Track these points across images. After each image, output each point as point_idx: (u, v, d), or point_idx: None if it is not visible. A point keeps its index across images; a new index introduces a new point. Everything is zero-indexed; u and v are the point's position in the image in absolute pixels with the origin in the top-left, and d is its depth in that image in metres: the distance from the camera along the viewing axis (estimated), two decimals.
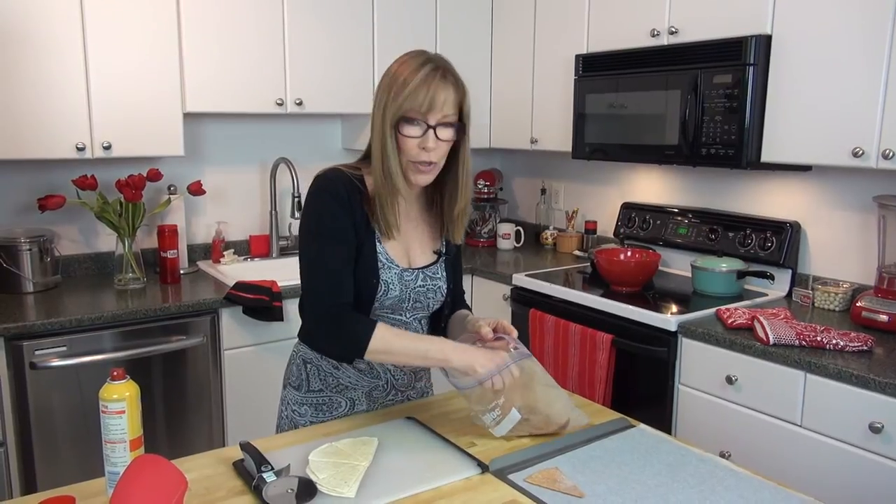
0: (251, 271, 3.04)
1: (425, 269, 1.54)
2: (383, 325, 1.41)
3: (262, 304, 2.53)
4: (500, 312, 2.92)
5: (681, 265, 2.89)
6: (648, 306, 2.38)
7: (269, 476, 1.20)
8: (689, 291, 2.59)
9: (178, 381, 2.49)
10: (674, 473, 1.30)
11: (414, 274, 1.51)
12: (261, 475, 1.20)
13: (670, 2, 2.53)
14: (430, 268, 1.55)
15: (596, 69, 2.77)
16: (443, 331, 1.62)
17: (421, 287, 1.52)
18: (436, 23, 3.23)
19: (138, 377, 1.57)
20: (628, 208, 3.10)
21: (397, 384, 1.61)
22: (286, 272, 2.83)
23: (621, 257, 2.73)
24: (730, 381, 2.09)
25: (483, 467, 1.30)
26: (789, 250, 2.51)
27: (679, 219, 2.89)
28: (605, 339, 2.37)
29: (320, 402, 1.57)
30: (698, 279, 2.56)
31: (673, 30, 2.52)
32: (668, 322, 2.25)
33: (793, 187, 2.58)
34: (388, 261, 1.48)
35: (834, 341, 1.95)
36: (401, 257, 1.51)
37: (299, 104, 2.92)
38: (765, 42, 2.25)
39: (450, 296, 1.60)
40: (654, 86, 2.54)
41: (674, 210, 2.93)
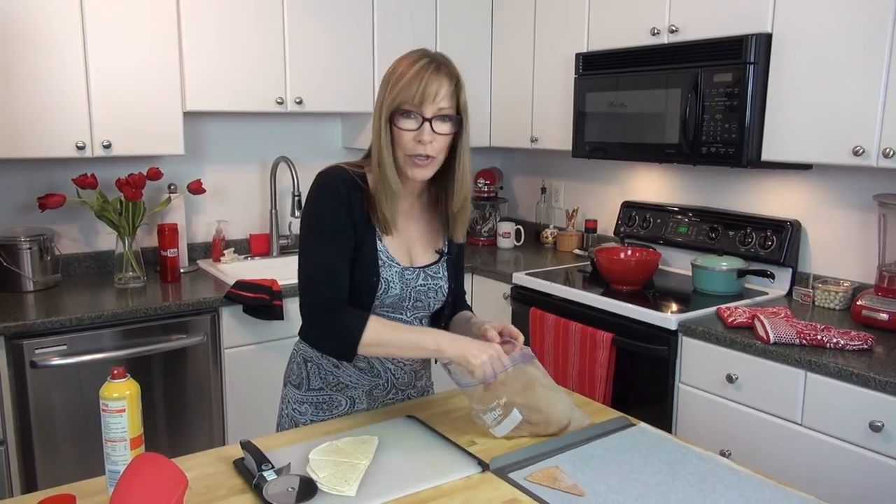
0: (251, 270, 3.04)
1: (426, 268, 1.53)
2: (376, 317, 1.41)
3: (263, 302, 2.53)
4: (501, 311, 2.92)
5: (681, 264, 2.89)
6: (649, 305, 2.38)
7: (270, 474, 1.20)
8: (689, 290, 2.59)
9: (178, 379, 2.49)
10: (674, 472, 1.30)
11: (415, 273, 1.51)
12: (261, 474, 1.20)
13: (670, 0, 2.53)
14: (432, 267, 1.54)
15: (596, 68, 2.77)
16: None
17: (422, 286, 1.52)
18: (436, 21, 3.22)
19: (139, 376, 1.57)
20: (628, 207, 3.10)
21: (398, 383, 1.61)
22: (286, 271, 2.82)
23: (621, 256, 2.73)
24: (730, 379, 2.09)
25: (483, 466, 1.30)
26: (790, 249, 2.51)
27: (679, 217, 2.89)
28: (606, 337, 2.37)
29: (321, 400, 1.57)
30: (699, 278, 2.56)
31: (673, 28, 2.52)
32: (669, 321, 2.25)
33: (793, 186, 2.57)
34: (388, 259, 1.48)
35: (834, 340, 1.95)
36: (402, 256, 1.51)
37: (299, 103, 2.92)
38: (765, 41, 2.25)
39: (451, 296, 1.60)
40: (655, 84, 2.53)
41: (674, 209, 2.93)
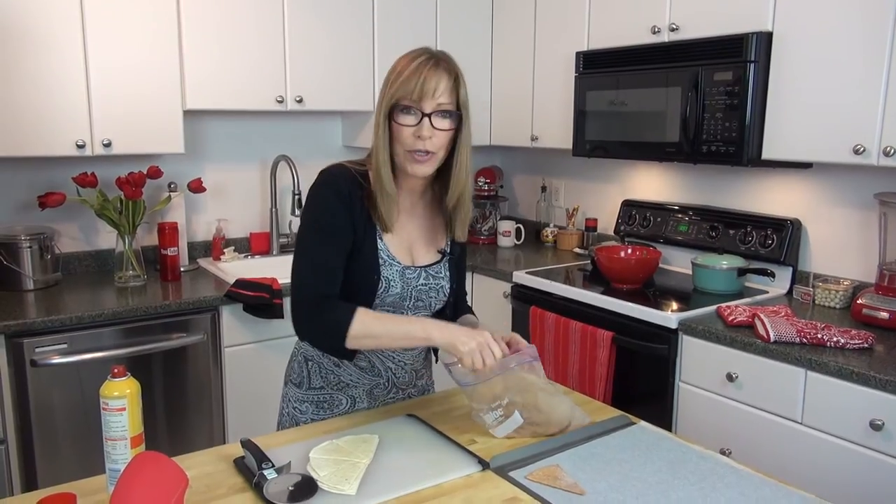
0: (251, 269, 3.04)
1: (428, 268, 1.53)
2: (364, 309, 1.40)
3: (263, 301, 2.53)
4: (501, 310, 2.92)
5: (681, 262, 2.89)
6: (649, 304, 2.38)
7: (270, 473, 1.20)
8: (689, 289, 2.59)
9: (178, 378, 2.49)
10: (674, 471, 1.30)
11: (416, 272, 1.51)
12: (262, 472, 1.20)
13: None
14: (433, 266, 1.54)
15: (596, 66, 2.76)
16: None
17: (423, 286, 1.51)
18: (436, 20, 3.22)
19: (139, 374, 1.57)
20: (629, 206, 3.10)
21: (398, 382, 1.60)
22: (286, 270, 2.77)
23: (622, 255, 2.72)
24: (730, 378, 2.09)
25: (484, 464, 1.30)
26: (790, 248, 2.51)
27: (680, 216, 2.89)
28: (606, 336, 2.37)
29: (321, 399, 1.57)
30: (699, 276, 2.56)
31: (674, 27, 2.51)
32: (669, 319, 2.24)
33: (794, 184, 2.57)
34: (389, 257, 1.48)
35: (834, 339, 1.95)
36: (403, 255, 1.50)
37: (300, 101, 2.92)
38: (766, 39, 2.24)
39: (452, 296, 1.59)
40: (655, 83, 2.53)
41: (674, 207, 2.92)
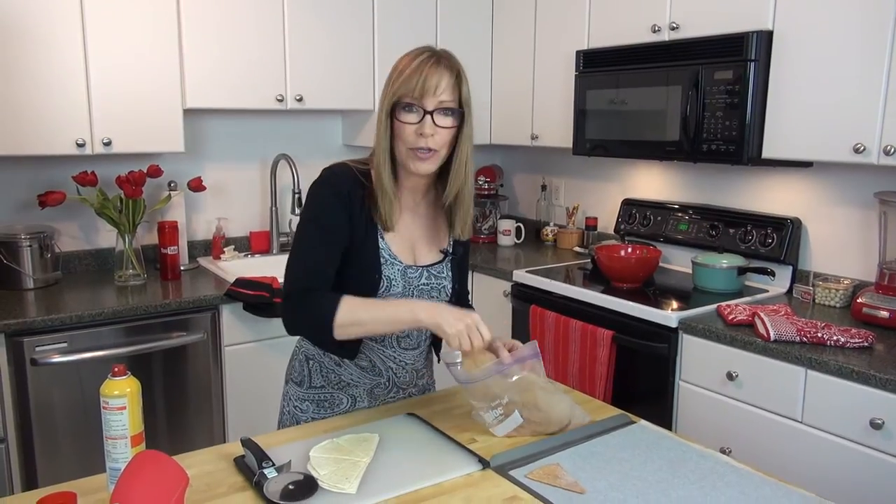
0: (251, 268, 3.04)
1: (430, 268, 1.53)
2: (349, 297, 1.39)
3: (263, 300, 2.53)
4: (501, 309, 2.92)
5: (681, 261, 2.89)
6: (649, 303, 2.38)
7: (271, 472, 1.20)
8: (689, 288, 2.59)
9: (178, 377, 2.49)
10: (675, 469, 1.30)
11: (418, 272, 1.51)
12: (262, 471, 1.20)
13: None
14: (435, 266, 1.54)
15: (596, 65, 2.76)
16: None
17: (425, 285, 1.51)
18: (436, 18, 3.22)
19: (139, 373, 1.57)
20: (629, 205, 3.10)
21: (399, 382, 1.60)
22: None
23: (622, 254, 2.72)
24: (730, 377, 2.09)
25: (484, 463, 1.30)
26: (790, 246, 2.51)
27: (680, 215, 2.89)
28: (606, 335, 2.37)
29: (322, 398, 1.57)
30: (699, 275, 2.56)
31: (674, 25, 2.51)
32: (669, 318, 2.24)
33: (794, 183, 2.57)
34: (390, 257, 1.47)
35: (835, 338, 1.95)
36: (405, 254, 1.50)
37: (300, 100, 2.92)
38: (766, 38, 2.24)
39: (454, 296, 1.59)
40: (655, 82, 2.53)
41: (674, 206, 2.92)
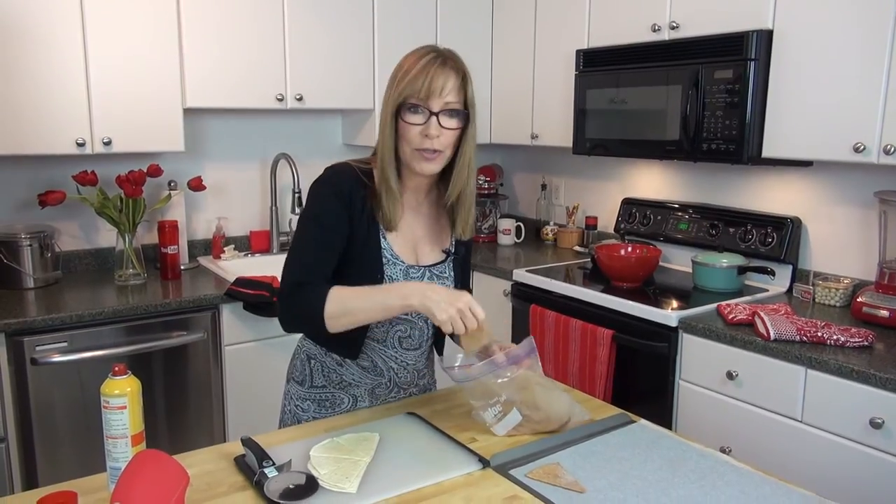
0: (252, 267, 3.04)
1: (432, 268, 1.53)
2: (338, 287, 1.38)
3: (263, 299, 2.53)
4: (501, 308, 2.92)
5: (681, 261, 2.89)
6: (649, 302, 2.38)
7: (271, 471, 1.20)
8: (689, 287, 2.59)
9: (178, 376, 2.49)
10: (675, 469, 1.30)
11: (420, 272, 1.51)
12: (262, 470, 1.20)
13: None
14: (438, 266, 1.54)
15: (596, 64, 2.76)
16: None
17: None
18: (436, 17, 3.22)
19: (139, 373, 1.57)
20: (629, 204, 3.10)
21: (400, 382, 1.60)
22: None
23: (622, 253, 2.73)
24: (730, 376, 2.09)
25: (484, 463, 1.30)
26: (790, 246, 2.51)
27: (680, 214, 2.89)
28: (606, 334, 2.37)
29: (323, 398, 1.57)
30: (699, 275, 2.56)
31: (674, 24, 2.51)
32: (669, 318, 2.25)
33: (794, 183, 2.57)
34: (392, 256, 1.47)
35: (834, 337, 1.95)
36: (407, 254, 1.50)
37: (300, 100, 2.92)
38: (766, 37, 2.24)
39: None
40: (655, 81, 2.53)
41: (674, 206, 2.92)
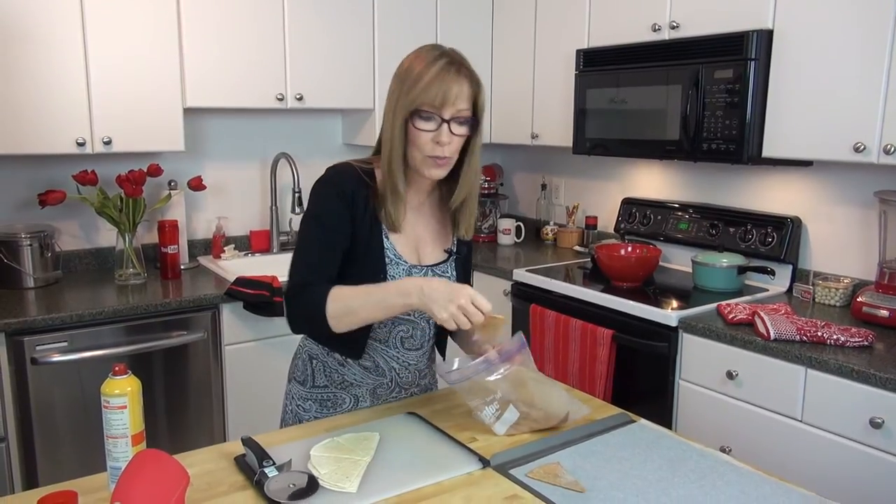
0: (252, 267, 3.04)
1: (434, 268, 1.53)
2: (339, 286, 1.39)
3: (263, 299, 2.53)
4: (501, 308, 2.92)
5: (681, 261, 2.89)
6: (649, 302, 2.38)
7: (271, 471, 1.20)
8: (689, 287, 2.59)
9: (179, 376, 2.49)
10: (675, 468, 1.30)
11: (423, 271, 1.51)
12: (262, 470, 1.20)
13: None
14: (440, 266, 1.54)
15: (596, 64, 2.76)
16: (451, 332, 1.61)
17: None
18: (436, 17, 3.22)
19: (139, 372, 1.57)
20: (629, 204, 3.10)
21: (402, 382, 1.60)
22: (287, 267, 2.81)
23: (622, 253, 2.73)
24: (730, 376, 2.09)
25: (484, 462, 1.30)
26: (790, 245, 2.51)
27: (680, 214, 2.89)
28: (606, 334, 2.37)
29: (324, 398, 1.57)
30: (699, 274, 2.56)
31: (674, 24, 2.51)
32: (669, 317, 2.25)
33: (794, 182, 2.57)
34: (395, 256, 1.48)
35: (834, 337, 1.95)
36: (410, 254, 1.50)
37: (300, 99, 2.92)
38: (766, 37, 2.24)
39: None
40: (655, 81, 2.53)
41: (674, 205, 2.92)
